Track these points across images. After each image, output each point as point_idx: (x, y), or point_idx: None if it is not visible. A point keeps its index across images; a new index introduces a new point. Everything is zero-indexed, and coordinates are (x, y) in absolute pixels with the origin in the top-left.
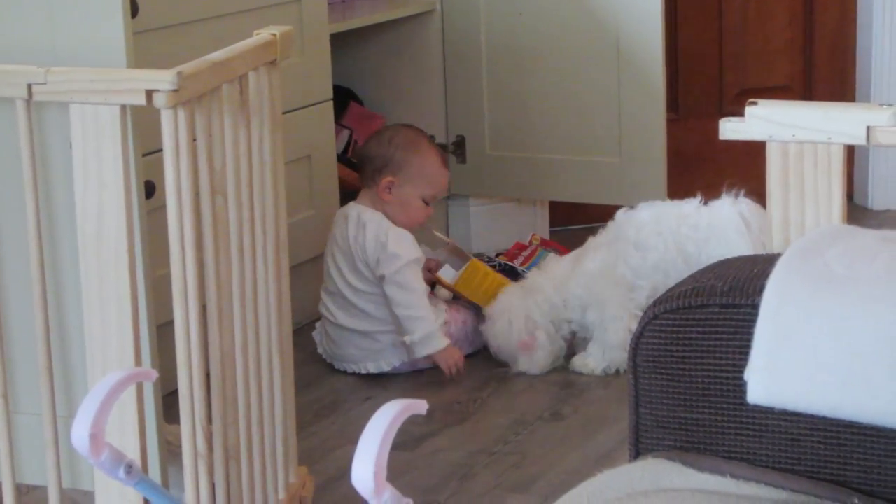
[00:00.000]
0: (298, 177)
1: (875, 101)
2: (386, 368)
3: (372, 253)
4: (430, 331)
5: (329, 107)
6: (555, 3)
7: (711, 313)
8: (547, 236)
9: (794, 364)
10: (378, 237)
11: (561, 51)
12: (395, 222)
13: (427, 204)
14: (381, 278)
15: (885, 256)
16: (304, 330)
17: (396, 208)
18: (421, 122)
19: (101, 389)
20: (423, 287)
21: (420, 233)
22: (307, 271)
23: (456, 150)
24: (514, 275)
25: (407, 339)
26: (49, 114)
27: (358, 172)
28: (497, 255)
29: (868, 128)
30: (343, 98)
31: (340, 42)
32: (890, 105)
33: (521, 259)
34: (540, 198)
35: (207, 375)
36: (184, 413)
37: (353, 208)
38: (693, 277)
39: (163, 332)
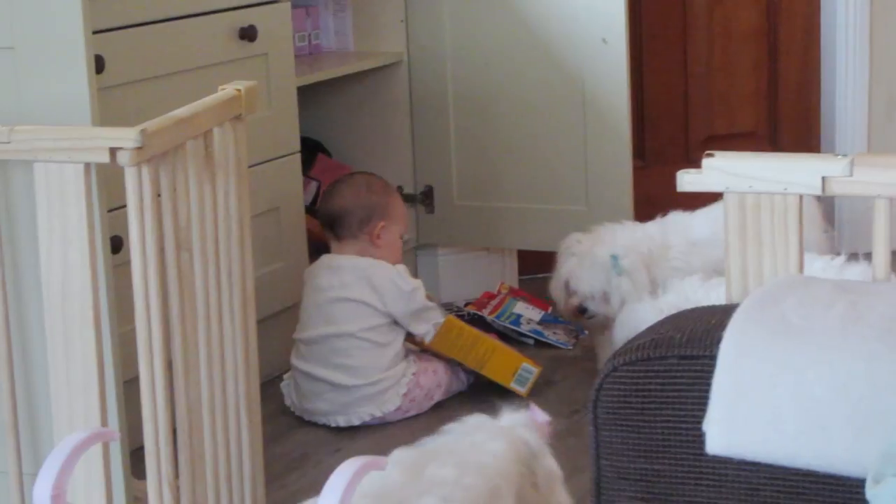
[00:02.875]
0: (267, 229)
1: (840, 147)
2: (356, 423)
3: (392, 293)
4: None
5: (297, 159)
6: (520, 53)
7: (670, 365)
8: (516, 285)
9: (751, 414)
10: (392, 279)
11: (527, 100)
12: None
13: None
14: (414, 314)
15: (840, 306)
16: (273, 382)
17: (387, 251)
18: (389, 173)
19: (62, 450)
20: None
21: None
22: (277, 323)
23: (424, 199)
24: (483, 325)
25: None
26: (14, 171)
27: (329, 229)
28: (466, 305)
29: (823, 178)
30: (311, 150)
31: (308, 94)
32: (845, 156)
33: (489, 308)
34: (508, 247)
35: (175, 430)
36: (150, 469)
37: (346, 260)
38: (652, 329)
39: (130, 388)
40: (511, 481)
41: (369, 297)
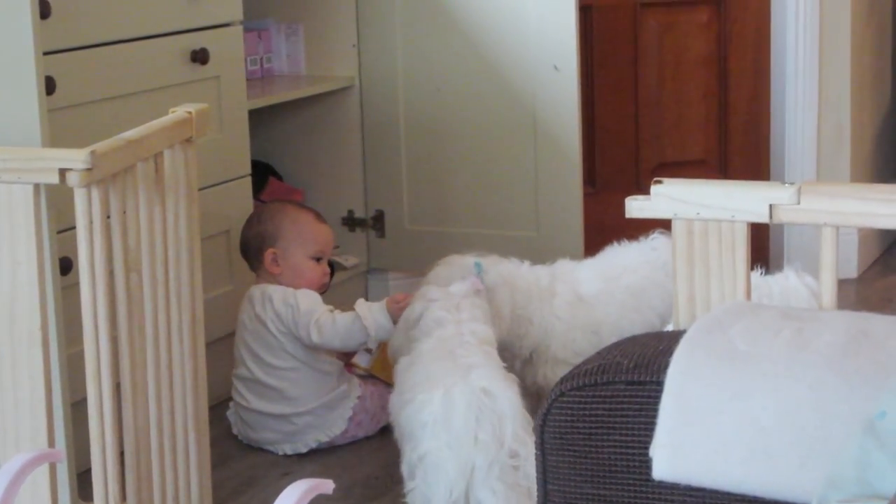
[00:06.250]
0: (217, 252)
1: (789, 176)
2: (303, 450)
3: (286, 316)
4: (368, 323)
5: (247, 182)
6: (472, 78)
7: (617, 390)
8: None
9: (697, 440)
10: (286, 300)
11: (478, 126)
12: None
13: (318, 261)
14: (307, 339)
15: (786, 333)
16: (222, 405)
17: (291, 276)
18: (340, 197)
19: (7, 471)
20: (338, 319)
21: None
22: (226, 346)
23: (375, 224)
24: None
25: (368, 345)
26: None
27: (247, 262)
28: None
29: (770, 206)
30: (262, 173)
31: (259, 117)
32: (792, 183)
33: None
34: None
35: (122, 452)
36: (97, 491)
37: (256, 289)
38: (599, 354)
39: (78, 409)
40: None
41: (278, 324)
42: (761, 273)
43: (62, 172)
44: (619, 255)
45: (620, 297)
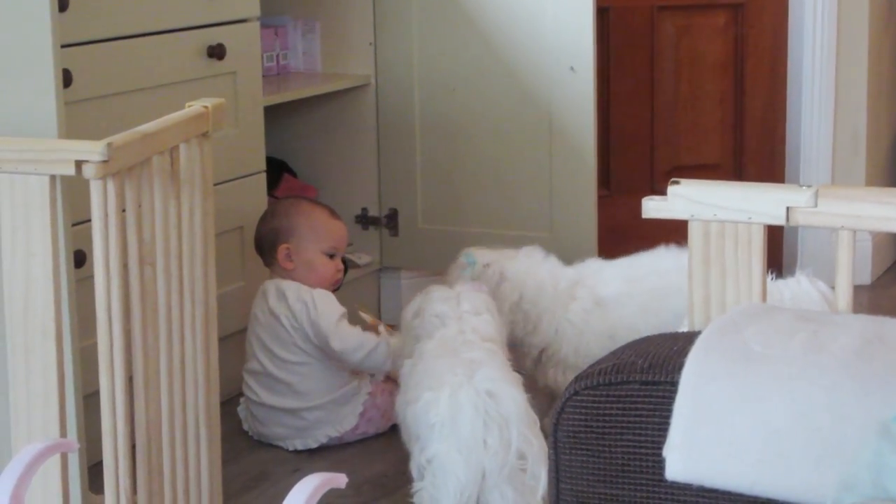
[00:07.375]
0: (230, 248)
1: (804, 179)
2: (313, 445)
3: (301, 314)
4: (388, 349)
5: (262, 178)
6: (488, 79)
7: (632, 390)
8: None
9: (711, 441)
10: (301, 297)
11: (493, 126)
12: (309, 286)
13: (332, 258)
14: (323, 340)
15: (802, 335)
16: (232, 401)
17: (304, 272)
18: (354, 195)
19: (20, 460)
20: (356, 330)
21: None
22: (238, 342)
23: (388, 222)
24: None
25: (383, 369)
26: None
27: (261, 257)
28: None
29: (788, 208)
30: (277, 170)
31: (275, 114)
32: (809, 186)
33: None
34: None
35: (134, 446)
36: (108, 483)
37: (271, 283)
38: (614, 354)
39: (90, 402)
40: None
41: (291, 320)
42: (773, 278)
43: (78, 164)
44: (650, 259)
45: (640, 300)
